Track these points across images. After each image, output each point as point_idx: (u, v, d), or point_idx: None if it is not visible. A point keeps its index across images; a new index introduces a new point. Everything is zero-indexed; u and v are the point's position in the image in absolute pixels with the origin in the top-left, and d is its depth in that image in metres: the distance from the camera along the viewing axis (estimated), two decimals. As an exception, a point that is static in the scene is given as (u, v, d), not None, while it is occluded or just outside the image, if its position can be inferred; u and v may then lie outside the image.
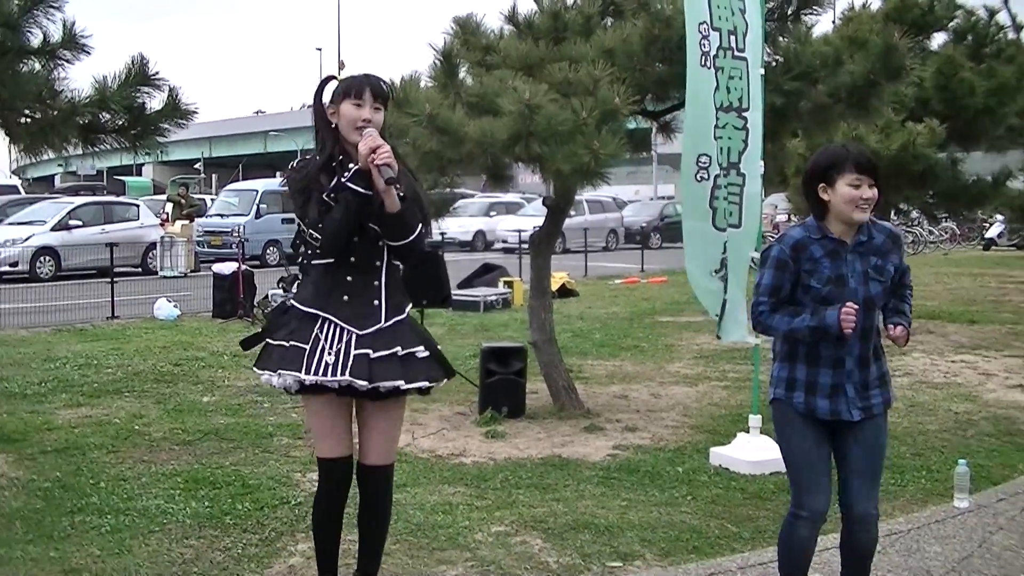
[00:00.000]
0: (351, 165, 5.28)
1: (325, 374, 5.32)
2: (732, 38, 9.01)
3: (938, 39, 18.91)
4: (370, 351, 5.35)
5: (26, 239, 29.66)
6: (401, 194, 5.31)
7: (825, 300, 5.35)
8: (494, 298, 21.64)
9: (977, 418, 11.26)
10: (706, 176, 9.00)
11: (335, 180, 5.29)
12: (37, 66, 9.67)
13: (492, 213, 47.78)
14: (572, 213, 24.56)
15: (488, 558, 6.96)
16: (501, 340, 14.02)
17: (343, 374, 5.30)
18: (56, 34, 9.62)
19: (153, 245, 31.83)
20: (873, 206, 5.33)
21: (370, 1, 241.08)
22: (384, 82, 5.57)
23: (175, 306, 20.35)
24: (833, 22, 17.63)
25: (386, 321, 5.44)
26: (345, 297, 5.41)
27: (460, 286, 22.45)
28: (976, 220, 43.94)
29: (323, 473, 5.67)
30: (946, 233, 44.66)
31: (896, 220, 32.27)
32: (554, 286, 16.29)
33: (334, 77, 5.53)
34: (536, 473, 9.07)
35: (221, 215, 37.41)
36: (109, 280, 20.97)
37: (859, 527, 5.56)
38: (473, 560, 6.94)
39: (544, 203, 11.80)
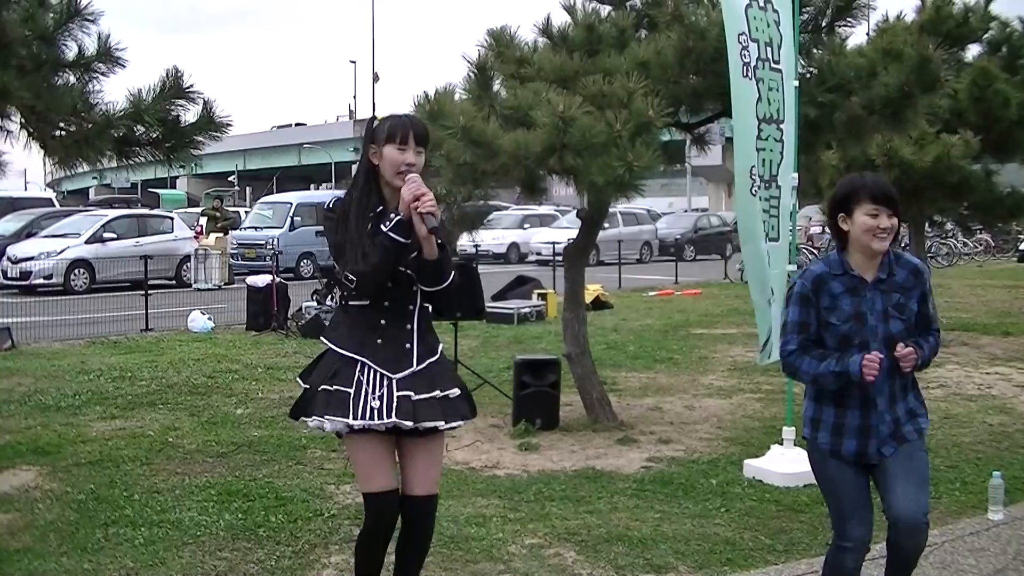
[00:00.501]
0: (392, 215, 5.29)
1: (372, 418, 5.32)
2: (769, 50, 8.92)
3: (973, 51, 18.77)
4: (411, 393, 5.37)
5: (61, 251, 29.87)
6: (439, 241, 5.34)
7: (845, 337, 5.35)
8: (528, 310, 21.59)
9: (1012, 430, 11.19)
10: (760, 188, 8.80)
11: (373, 226, 5.32)
12: (72, 79, 9.72)
13: (526, 225, 47.90)
14: (606, 225, 24.54)
15: (522, 570, 6.96)
16: (535, 352, 14.00)
17: (389, 417, 5.31)
18: (91, 47, 9.67)
19: (187, 258, 32.07)
20: (893, 236, 5.33)
21: (404, 14, 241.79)
22: (425, 125, 5.59)
23: (209, 318, 20.42)
24: (867, 34, 17.51)
25: (418, 364, 5.45)
26: (379, 340, 5.42)
27: (494, 298, 22.51)
28: (1011, 232, 43.71)
29: (373, 508, 5.57)
30: (980, 245, 44.45)
31: (930, 232, 32.12)
32: (588, 298, 16.32)
33: (375, 118, 5.54)
34: (570, 485, 9.06)
35: (255, 228, 37.64)
36: (143, 292, 21.03)
37: (905, 535, 5.41)
38: (507, 572, 6.93)
39: (578, 215, 11.79)
